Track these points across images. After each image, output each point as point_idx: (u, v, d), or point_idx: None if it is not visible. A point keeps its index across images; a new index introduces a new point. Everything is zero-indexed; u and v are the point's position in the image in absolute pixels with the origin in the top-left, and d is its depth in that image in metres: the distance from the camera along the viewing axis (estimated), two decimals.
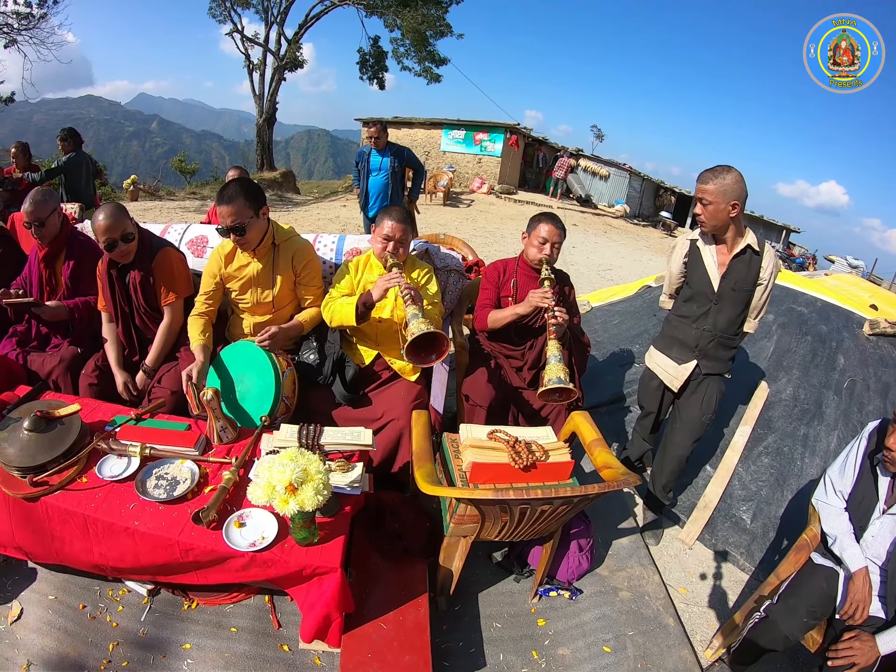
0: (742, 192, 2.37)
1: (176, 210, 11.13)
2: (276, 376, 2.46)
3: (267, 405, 2.43)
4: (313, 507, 1.62)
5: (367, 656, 1.91)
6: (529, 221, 2.88)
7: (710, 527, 3.03)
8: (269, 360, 2.48)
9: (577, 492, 1.79)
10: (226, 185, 2.63)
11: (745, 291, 2.56)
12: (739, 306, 2.61)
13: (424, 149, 21.14)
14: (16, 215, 3.74)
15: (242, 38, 18.53)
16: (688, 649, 2.35)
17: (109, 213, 2.58)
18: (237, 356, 2.61)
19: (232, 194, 2.53)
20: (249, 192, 2.59)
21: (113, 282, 2.75)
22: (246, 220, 2.55)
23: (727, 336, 2.67)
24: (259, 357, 2.52)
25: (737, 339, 2.73)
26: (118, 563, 1.93)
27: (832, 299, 4.47)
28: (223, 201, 2.53)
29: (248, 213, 2.56)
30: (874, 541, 2.03)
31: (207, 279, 2.77)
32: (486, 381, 2.76)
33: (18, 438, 1.97)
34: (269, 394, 2.44)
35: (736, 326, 2.66)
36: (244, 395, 2.53)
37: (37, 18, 15.02)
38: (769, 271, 2.54)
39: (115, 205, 2.70)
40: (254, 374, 2.52)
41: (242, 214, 2.54)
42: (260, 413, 2.42)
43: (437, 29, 18.20)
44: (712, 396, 2.74)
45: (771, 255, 2.53)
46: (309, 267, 2.79)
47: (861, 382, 3.67)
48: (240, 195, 2.54)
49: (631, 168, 22.63)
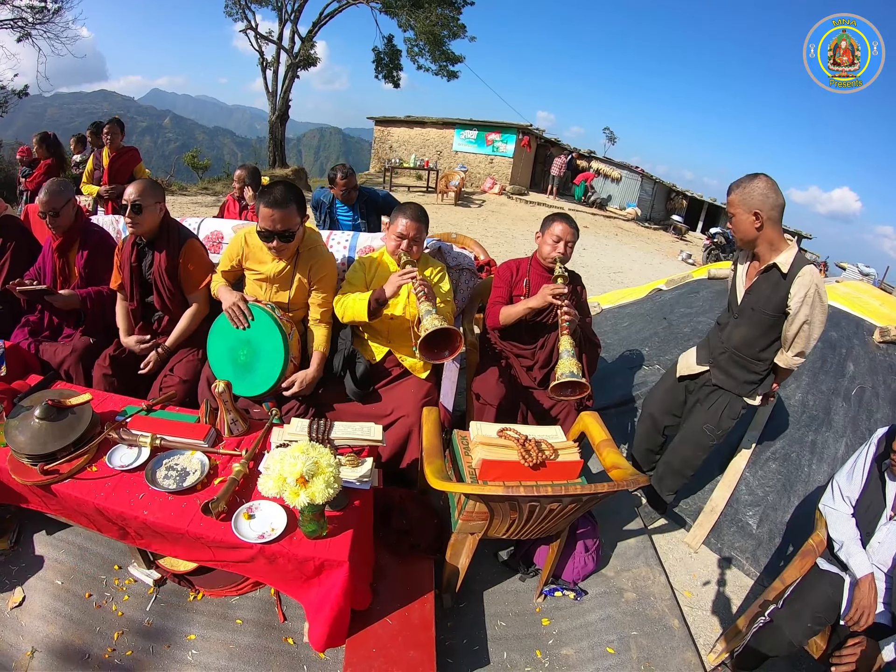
0: (765, 200, 2.22)
1: (188, 205, 11.16)
2: (284, 339, 2.49)
3: (277, 368, 2.48)
4: (323, 499, 1.63)
5: (372, 651, 1.91)
6: (543, 220, 2.91)
7: (717, 531, 3.02)
8: (274, 324, 2.50)
9: (586, 490, 1.78)
10: (273, 187, 2.50)
11: (766, 315, 2.39)
12: (757, 328, 2.45)
13: (437, 148, 21.15)
14: (30, 206, 3.78)
15: (256, 36, 18.53)
16: (692, 651, 2.34)
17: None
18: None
19: (285, 199, 2.45)
20: (300, 199, 2.53)
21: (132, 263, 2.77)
22: (295, 228, 2.51)
23: (740, 355, 2.55)
24: (264, 320, 2.52)
25: (759, 365, 2.53)
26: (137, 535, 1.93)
27: (843, 306, 4.45)
28: (274, 205, 2.43)
29: (296, 221, 2.52)
30: (881, 547, 2.02)
31: (225, 260, 2.77)
32: (496, 380, 2.77)
33: (29, 426, 1.97)
34: (279, 357, 2.48)
35: (755, 350, 2.50)
36: (252, 359, 2.54)
37: (51, 13, 15.04)
38: (797, 300, 2.27)
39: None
40: (260, 337, 2.53)
41: (291, 221, 2.49)
42: (270, 376, 2.48)
43: (451, 30, 18.18)
44: (719, 409, 2.66)
45: (804, 284, 2.25)
46: (323, 281, 2.72)
47: (870, 390, 3.65)
48: (292, 201, 2.47)
49: (643, 171, 22.54)
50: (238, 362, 2.55)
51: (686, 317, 4.61)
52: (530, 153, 21.42)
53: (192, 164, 18.25)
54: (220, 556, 1.85)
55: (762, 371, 2.56)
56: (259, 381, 2.52)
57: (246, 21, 18.26)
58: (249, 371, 2.53)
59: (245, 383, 2.52)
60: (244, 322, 2.52)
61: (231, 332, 2.57)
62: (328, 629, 1.80)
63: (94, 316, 2.94)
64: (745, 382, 2.59)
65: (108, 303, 2.95)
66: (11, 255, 3.17)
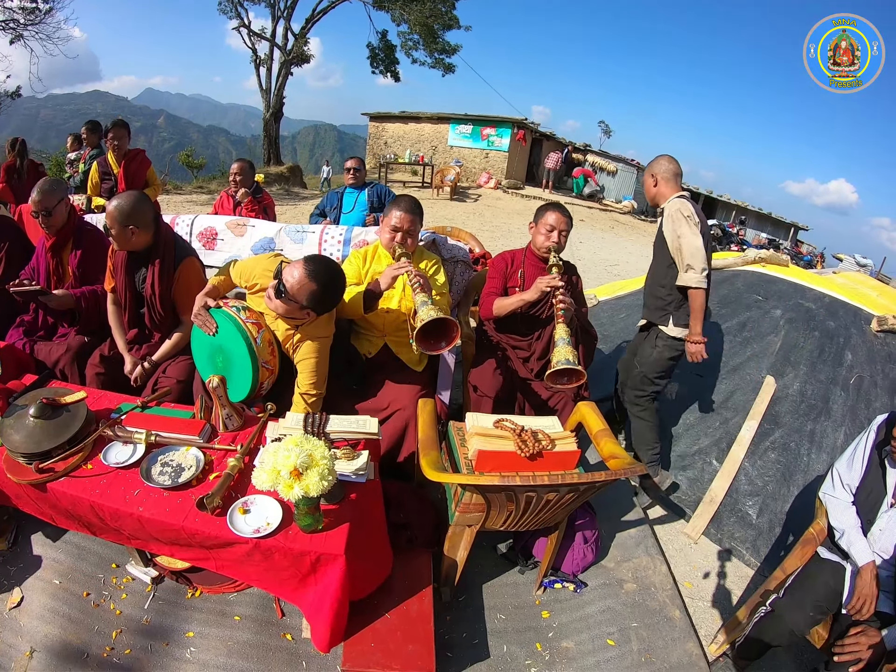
0: (659, 166, 2.90)
1: (183, 204, 11.14)
2: (249, 346, 2.31)
3: (248, 376, 2.35)
4: (318, 492, 1.61)
5: (371, 646, 1.90)
6: (537, 211, 2.90)
7: (716, 521, 3.02)
8: (237, 331, 2.32)
9: (583, 479, 1.77)
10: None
11: (659, 247, 2.95)
12: (657, 261, 2.98)
13: (432, 143, 21.12)
14: (23, 207, 3.75)
15: (249, 33, 18.45)
16: (693, 642, 2.34)
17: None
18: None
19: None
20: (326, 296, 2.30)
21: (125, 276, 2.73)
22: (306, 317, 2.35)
23: (651, 288, 3.05)
24: (227, 327, 2.36)
25: (662, 290, 2.93)
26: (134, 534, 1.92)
27: (840, 295, 4.44)
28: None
29: (304, 314, 2.32)
30: (882, 535, 2.01)
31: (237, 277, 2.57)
32: (493, 372, 2.76)
33: (24, 425, 1.96)
34: (247, 365, 2.33)
35: (658, 279, 2.96)
36: (227, 366, 2.42)
37: (42, 13, 14.94)
38: (665, 222, 2.85)
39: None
40: (230, 344, 2.37)
41: (306, 315, 2.32)
42: (243, 387, 2.37)
43: (445, 23, 18.14)
44: (643, 341, 3.10)
45: (668, 208, 2.83)
46: (304, 368, 2.42)
47: (868, 379, 3.65)
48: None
49: (639, 164, 22.52)
50: (217, 368, 2.46)
51: None
52: (525, 147, 21.40)
53: (187, 163, 18.21)
54: (216, 555, 1.84)
55: (667, 296, 2.92)
56: (238, 388, 2.41)
57: (239, 18, 18.21)
58: (228, 377, 2.36)
59: (229, 389, 2.45)
60: (210, 328, 2.38)
61: (206, 339, 2.46)
62: (330, 628, 1.79)
63: (88, 315, 2.91)
64: (657, 309, 2.98)
65: (103, 302, 2.92)
66: (6, 255, 3.15)
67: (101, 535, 2.00)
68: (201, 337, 2.49)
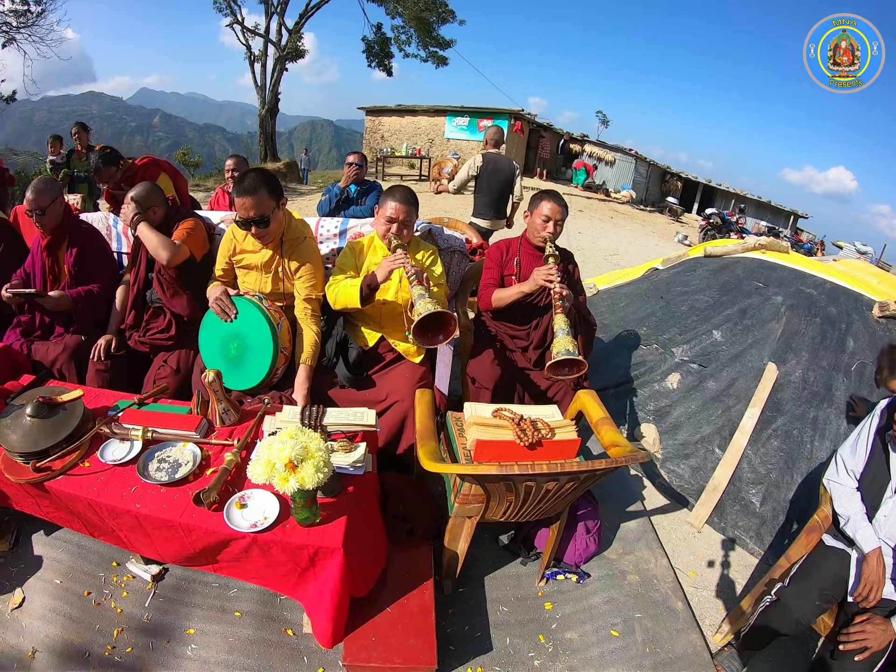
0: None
1: None
2: (273, 330, 2.50)
3: (267, 361, 2.50)
4: (313, 484, 1.60)
5: (372, 640, 1.89)
6: (531, 199, 2.88)
7: (720, 510, 3.00)
8: (262, 316, 2.51)
9: (583, 467, 1.75)
10: (244, 176, 2.53)
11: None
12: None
13: (428, 136, 21.09)
14: (18, 208, 3.73)
15: (243, 30, 18.36)
16: (697, 633, 2.33)
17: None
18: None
19: (254, 185, 2.46)
20: (271, 183, 2.52)
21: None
22: (269, 212, 2.50)
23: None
24: (251, 313, 2.53)
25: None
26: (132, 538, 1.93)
27: (841, 281, 4.41)
28: (244, 192, 2.45)
29: (271, 205, 2.51)
30: (886, 521, 1.99)
31: (220, 260, 2.78)
32: (491, 362, 2.74)
33: (21, 424, 1.96)
34: (269, 350, 2.49)
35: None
36: (242, 353, 2.55)
37: (34, 16, 14.85)
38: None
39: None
40: (249, 330, 2.54)
41: (265, 206, 2.48)
42: (258, 373, 2.49)
43: (440, 16, 18.07)
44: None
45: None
46: (305, 269, 2.68)
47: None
48: (262, 186, 2.47)
49: (637, 153, 22.48)
50: (229, 356, 2.56)
51: (683, 295, 4.57)
52: (523, 138, 21.35)
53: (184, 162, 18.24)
54: (213, 554, 1.83)
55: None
56: (251, 374, 2.52)
57: (232, 15, 18.12)
58: (241, 364, 2.54)
59: (238, 377, 2.54)
60: (229, 315, 2.55)
61: (220, 326, 2.58)
62: (332, 622, 1.78)
63: (84, 315, 2.92)
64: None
65: (99, 301, 2.94)
66: (1, 256, 3.15)
67: (99, 536, 2.01)
68: (213, 324, 2.62)
